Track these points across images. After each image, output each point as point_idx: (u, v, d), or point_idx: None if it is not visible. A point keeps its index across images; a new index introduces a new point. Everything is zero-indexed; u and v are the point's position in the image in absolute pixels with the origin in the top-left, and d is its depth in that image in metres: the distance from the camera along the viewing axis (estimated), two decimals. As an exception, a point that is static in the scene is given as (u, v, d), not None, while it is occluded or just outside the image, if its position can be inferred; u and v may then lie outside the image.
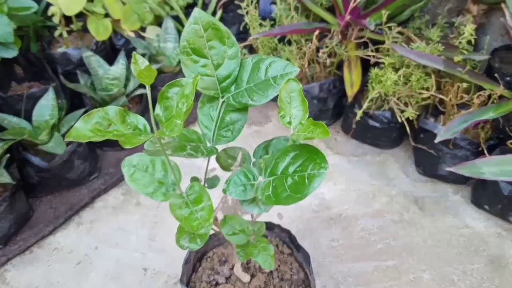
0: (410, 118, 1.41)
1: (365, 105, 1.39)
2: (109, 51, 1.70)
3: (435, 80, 1.39)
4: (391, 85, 1.38)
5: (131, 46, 1.67)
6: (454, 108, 1.39)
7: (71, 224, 1.38)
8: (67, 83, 1.41)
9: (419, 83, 1.39)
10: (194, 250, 0.84)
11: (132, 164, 0.70)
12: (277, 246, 1.04)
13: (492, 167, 1.10)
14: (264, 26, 1.64)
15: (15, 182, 1.22)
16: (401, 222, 1.37)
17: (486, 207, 1.36)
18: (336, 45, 1.50)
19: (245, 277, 0.94)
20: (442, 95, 1.40)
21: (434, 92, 1.39)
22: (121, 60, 1.51)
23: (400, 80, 1.38)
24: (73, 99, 1.56)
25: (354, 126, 1.49)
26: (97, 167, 1.49)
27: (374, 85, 1.43)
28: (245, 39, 1.71)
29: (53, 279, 1.23)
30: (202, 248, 1.02)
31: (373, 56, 1.47)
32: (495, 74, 1.33)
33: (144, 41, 1.64)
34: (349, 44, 1.54)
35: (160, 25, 1.72)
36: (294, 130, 0.64)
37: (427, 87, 1.40)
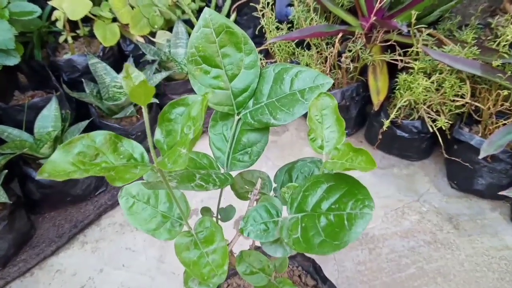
0: (443, 127, 1.28)
1: (393, 114, 1.27)
2: (117, 58, 1.61)
3: (470, 86, 1.26)
4: (422, 92, 1.26)
5: (140, 52, 1.57)
6: (492, 117, 1.26)
7: (75, 244, 1.29)
8: (70, 92, 1.31)
9: (453, 89, 1.26)
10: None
11: (131, 194, 0.59)
12: (299, 276, 0.92)
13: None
14: (281, 29, 1.52)
15: (11, 202, 1.13)
16: (434, 242, 1.24)
17: (530, 227, 1.22)
18: (360, 48, 1.37)
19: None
20: (478, 102, 1.27)
21: (470, 99, 1.26)
22: (129, 67, 1.41)
23: (432, 87, 1.26)
24: (79, 109, 1.46)
25: (380, 137, 1.36)
26: (103, 181, 1.39)
27: (402, 92, 1.31)
28: (260, 43, 1.60)
29: (54, 306, 1.13)
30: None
31: (401, 60, 1.34)
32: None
33: (154, 47, 1.54)
34: (374, 47, 1.42)
35: (170, 30, 1.62)
36: (327, 156, 0.52)
37: (462, 94, 1.27)
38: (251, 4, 1.60)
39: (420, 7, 1.39)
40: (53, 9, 1.47)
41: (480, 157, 1.08)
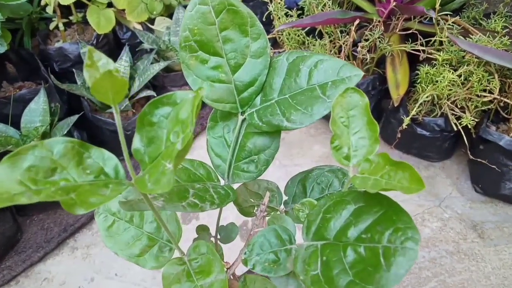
0: (469, 125, 1.16)
1: (414, 110, 1.15)
2: (113, 47, 1.49)
3: (498, 80, 1.13)
4: (447, 86, 1.13)
5: (137, 41, 1.45)
6: (523, 114, 1.14)
7: (65, 249, 1.18)
8: (60, 84, 1.20)
9: (481, 84, 1.14)
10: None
11: (110, 211, 0.48)
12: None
13: None
14: (291, 16, 1.40)
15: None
16: (457, 253, 1.12)
17: None
18: (378, 37, 1.25)
19: None
20: (507, 98, 1.14)
21: (498, 94, 1.14)
22: (124, 57, 1.30)
23: (458, 81, 1.13)
24: (71, 102, 1.35)
25: (398, 135, 1.24)
26: (96, 180, 1.28)
27: (424, 85, 1.19)
28: (267, 31, 1.47)
29: (40, 319, 1.03)
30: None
31: (423, 51, 1.22)
32: None
33: (153, 35, 1.42)
34: (392, 36, 1.29)
35: (170, 17, 1.50)
36: (355, 169, 0.41)
37: (490, 89, 1.14)
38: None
39: (443, -8, 1.26)
40: (44, -6, 1.35)
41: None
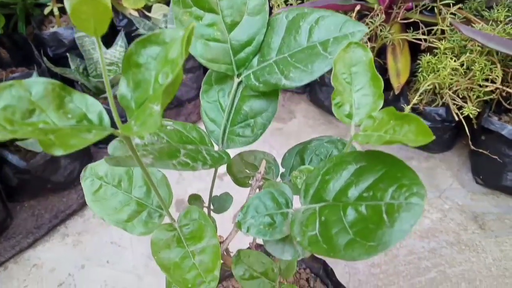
0: (470, 115, 1.14)
1: (415, 99, 1.13)
2: (108, 33, 1.43)
3: (501, 70, 1.11)
4: (448, 75, 1.11)
5: (133, 28, 1.43)
6: (525, 104, 1.12)
7: (55, 236, 1.15)
8: (52, 67, 1.18)
9: (483, 73, 1.12)
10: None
11: (97, 175, 0.45)
12: (307, 280, 0.79)
13: None
14: (291, 5, 1.38)
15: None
16: (457, 244, 1.10)
17: None
18: (379, 26, 1.23)
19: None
20: (510, 88, 1.13)
21: (500, 84, 1.12)
22: (120, 42, 1.27)
23: (461, 69, 1.11)
24: (64, 87, 1.33)
25: (398, 125, 1.22)
26: (90, 167, 1.25)
27: (425, 75, 1.17)
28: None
29: (28, 305, 1.00)
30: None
31: (425, 40, 1.20)
32: None
33: (149, 22, 1.40)
34: (394, 25, 1.27)
35: (168, 4, 1.48)
36: (357, 128, 0.38)
37: (493, 78, 1.12)
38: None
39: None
40: (40, -22, 1.33)
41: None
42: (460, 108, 1.16)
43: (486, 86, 1.13)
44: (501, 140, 1.12)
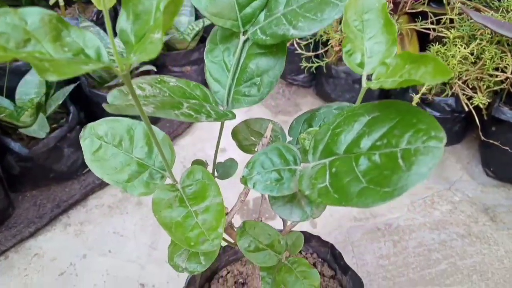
0: (481, 106, 1.11)
1: (423, 89, 1.10)
2: (113, 24, 1.45)
3: (512, 59, 1.09)
4: (458, 64, 1.09)
5: (139, 20, 1.42)
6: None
7: (57, 225, 1.14)
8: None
9: (493, 61, 1.09)
10: (194, 274, 0.57)
11: (97, 135, 0.44)
12: (314, 265, 0.77)
13: None
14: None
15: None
16: (468, 236, 1.07)
17: None
18: (386, 15, 1.21)
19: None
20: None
21: (511, 74, 1.09)
22: (125, 31, 1.26)
23: (470, 58, 1.09)
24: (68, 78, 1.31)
25: (406, 116, 1.20)
26: (93, 158, 1.24)
27: (434, 64, 1.14)
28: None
29: (28, 294, 0.98)
30: (212, 264, 0.76)
31: (433, 29, 1.18)
32: None
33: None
34: (402, 16, 1.26)
35: None
36: (370, 77, 0.37)
37: (503, 67, 1.10)
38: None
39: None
40: (46, -31, 1.33)
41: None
42: (469, 98, 1.14)
43: (497, 76, 1.11)
44: (512, 130, 1.09)
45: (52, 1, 1.35)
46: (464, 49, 1.05)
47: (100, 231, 1.11)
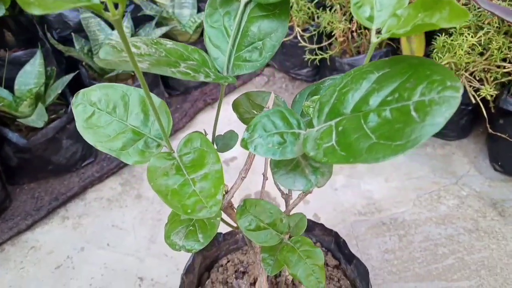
0: (488, 97, 1.09)
1: (429, 79, 1.08)
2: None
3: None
4: (465, 54, 1.07)
5: (140, 14, 1.40)
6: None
7: (55, 218, 1.11)
8: (56, 44, 1.15)
9: (501, 52, 1.07)
10: (193, 252, 0.55)
11: (90, 101, 0.41)
12: (318, 254, 0.74)
13: None
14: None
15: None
16: (476, 230, 1.04)
17: None
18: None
19: (273, 299, 0.64)
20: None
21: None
22: (126, 23, 1.25)
23: (477, 49, 1.07)
24: (68, 68, 1.30)
25: (412, 109, 1.17)
26: (92, 150, 1.22)
27: (440, 55, 1.12)
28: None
29: (25, 286, 0.96)
30: (211, 253, 0.73)
31: (439, 20, 1.16)
32: None
33: (156, 6, 1.38)
34: (406, 7, 1.23)
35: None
36: (380, 30, 0.34)
37: (511, 57, 1.07)
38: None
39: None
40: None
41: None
42: (476, 90, 1.12)
43: (504, 67, 1.09)
44: (521, 122, 1.07)
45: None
46: (472, 37, 1.03)
47: (99, 224, 1.09)
